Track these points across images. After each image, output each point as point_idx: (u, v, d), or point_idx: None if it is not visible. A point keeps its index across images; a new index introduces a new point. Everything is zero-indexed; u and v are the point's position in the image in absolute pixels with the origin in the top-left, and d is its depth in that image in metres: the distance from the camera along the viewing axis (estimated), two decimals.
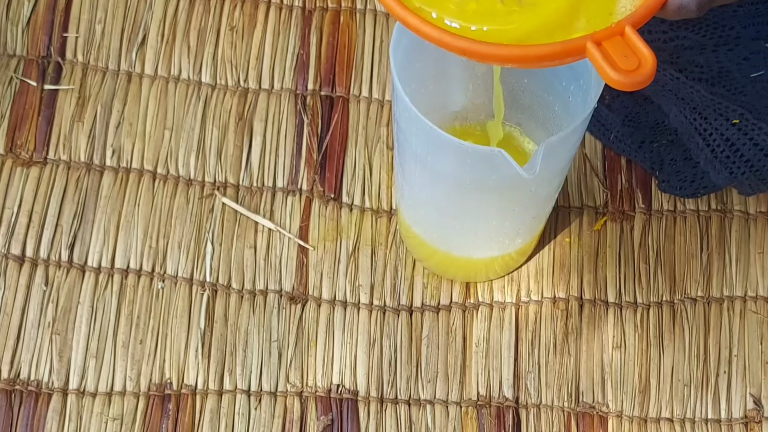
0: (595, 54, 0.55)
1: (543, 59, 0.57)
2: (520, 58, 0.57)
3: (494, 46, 0.57)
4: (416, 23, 0.57)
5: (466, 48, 0.56)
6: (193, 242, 0.89)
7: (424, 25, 0.57)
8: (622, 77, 0.55)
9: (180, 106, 0.94)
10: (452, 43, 0.57)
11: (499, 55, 0.56)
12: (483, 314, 0.87)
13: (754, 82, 0.80)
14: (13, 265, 0.88)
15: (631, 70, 0.55)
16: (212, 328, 0.86)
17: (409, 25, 0.58)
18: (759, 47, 0.80)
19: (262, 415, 0.84)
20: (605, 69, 0.55)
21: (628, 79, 0.55)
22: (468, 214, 0.78)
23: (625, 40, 0.56)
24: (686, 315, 0.88)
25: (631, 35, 0.56)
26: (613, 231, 0.90)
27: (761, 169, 0.82)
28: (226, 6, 0.97)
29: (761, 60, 0.80)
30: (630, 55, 0.55)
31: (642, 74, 0.55)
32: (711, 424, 0.85)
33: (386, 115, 0.94)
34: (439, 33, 0.57)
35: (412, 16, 0.57)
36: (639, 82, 0.55)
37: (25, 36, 0.96)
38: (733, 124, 0.81)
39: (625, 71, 0.55)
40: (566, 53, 0.56)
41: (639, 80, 0.55)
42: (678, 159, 0.88)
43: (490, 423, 0.84)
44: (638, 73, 0.55)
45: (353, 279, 0.88)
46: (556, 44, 0.56)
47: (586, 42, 0.56)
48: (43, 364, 0.85)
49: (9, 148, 0.92)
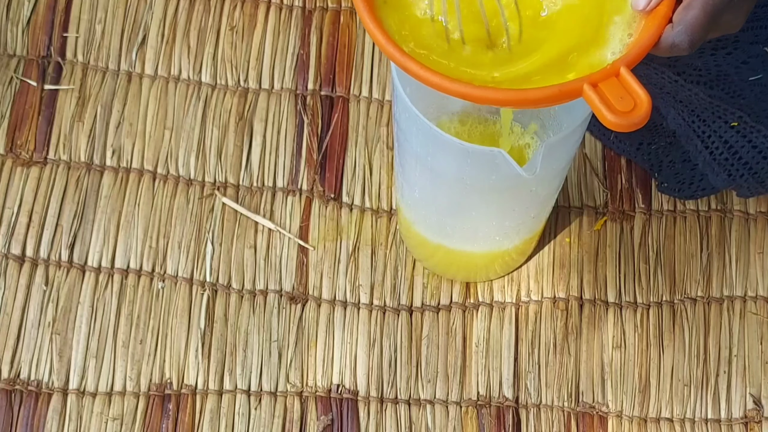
0: (591, 96, 0.56)
1: (540, 102, 0.58)
2: (518, 102, 0.58)
3: (492, 91, 0.58)
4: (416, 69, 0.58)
5: (465, 93, 0.57)
6: (193, 242, 0.89)
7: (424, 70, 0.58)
8: (619, 119, 0.56)
9: (180, 106, 0.94)
10: (451, 87, 0.57)
11: (497, 99, 0.57)
12: (483, 314, 0.87)
13: (752, 86, 0.80)
14: (13, 265, 0.88)
15: (627, 111, 0.56)
16: (212, 328, 0.86)
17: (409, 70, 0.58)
18: (757, 51, 0.80)
19: (262, 415, 0.84)
20: (602, 111, 0.56)
21: (624, 120, 0.56)
22: (468, 214, 0.78)
23: (621, 81, 0.57)
24: (686, 315, 0.88)
25: (626, 76, 0.57)
26: (613, 231, 0.90)
27: (759, 171, 0.82)
28: (226, 6, 0.97)
29: (759, 64, 0.80)
30: (626, 96, 0.56)
31: (638, 116, 0.56)
32: (711, 424, 0.85)
33: (386, 115, 0.94)
34: (439, 78, 0.57)
35: (413, 63, 0.58)
36: (635, 124, 0.56)
37: (25, 36, 0.96)
38: (732, 126, 0.81)
39: (621, 113, 0.56)
40: (563, 96, 0.57)
41: (635, 122, 0.56)
42: (676, 161, 0.88)
43: (490, 423, 0.84)
44: (634, 115, 0.56)
45: (353, 279, 0.88)
46: (553, 87, 0.57)
47: (583, 84, 0.57)
48: (43, 364, 0.85)
49: (9, 148, 0.92)
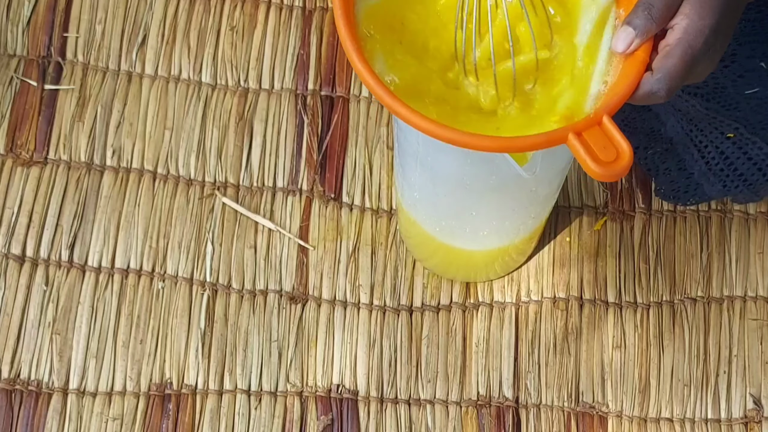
0: (576, 146, 0.58)
1: (527, 149, 0.60)
2: (506, 149, 0.60)
3: (482, 138, 0.59)
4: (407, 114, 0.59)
5: (454, 139, 0.59)
6: (193, 242, 0.89)
7: (415, 116, 0.59)
8: (602, 170, 0.57)
9: (180, 106, 0.94)
10: (442, 134, 0.59)
11: (486, 146, 0.59)
12: (483, 314, 0.87)
13: (748, 99, 0.80)
14: (14, 265, 0.88)
15: (610, 162, 0.57)
16: (212, 328, 0.86)
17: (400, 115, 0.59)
18: (754, 65, 0.80)
19: (262, 415, 0.84)
20: (586, 161, 0.57)
21: (607, 171, 0.57)
22: (468, 214, 0.78)
23: (603, 129, 0.58)
24: (686, 315, 0.88)
25: (607, 125, 0.58)
26: (613, 231, 0.90)
27: (754, 183, 0.82)
28: (226, 6, 0.97)
29: (756, 78, 0.80)
30: (608, 146, 0.58)
31: (620, 166, 0.57)
32: (711, 424, 0.85)
33: (386, 115, 0.94)
34: (428, 124, 0.59)
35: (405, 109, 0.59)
36: (617, 174, 0.57)
37: (25, 36, 0.96)
38: (728, 137, 0.81)
39: (605, 163, 0.57)
40: (549, 143, 0.59)
41: (617, 172, 0.57)
42: (672, 169, 0.88)
43: (490, 423, 0.84)
44: (616, 165, 0.57)
45: (353, 279, 0.88)
46: (539, 136, 0.59)
47: (568, 133, 0.58)
48: (44, 364, 0.85)
49: (9, 148, 0.92)
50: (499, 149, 0.59)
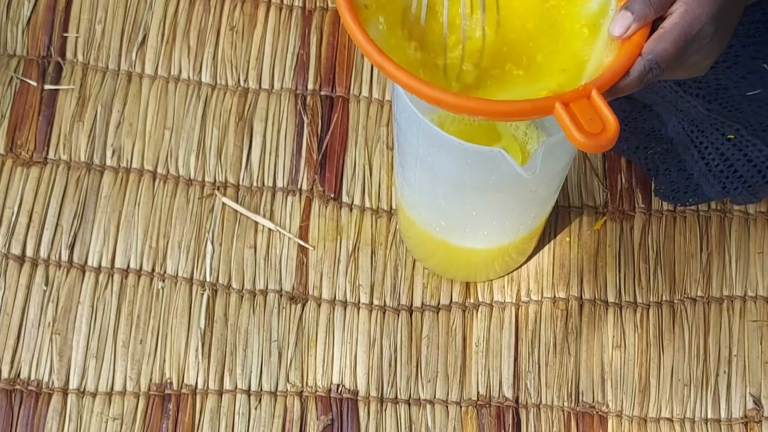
0: (562, 115, 0.57)
1: (511, 115, 0.59)
2: (488, 113, 0.59)
3: (465, 99, 0.58)
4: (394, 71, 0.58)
5: (439, 98, 0.58)
6: (193, 242, 0.89)
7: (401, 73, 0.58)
8: (587, 139, 0.56)
9: (180, 106, 0.94)
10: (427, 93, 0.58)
11: (469, 107, 0.58)
12: (483, 314, 0.87)
13: (750, 101, 0.80)
14: (14, 265, 0.88)
15: (596, 133, 0.57)
16: (212, 328, 0.86)
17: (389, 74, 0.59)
18: (757, 67, 0.80)
19: (262, 414, 0.84)
20: (571, 130, 0.57)
21: (592, 141, 0.57)
22: (468, 214, 0.78)
23: (591, 103, 0.58)
24: (686, 315, 0.88)
25: (596, 99, 0.58)
26: (613, 231, 0.90)
27: (754, 185, 0.82)
28: (226, 6, 0.97)
29: (758, 79, 0.80)
30: (595, 118, 0.57)
31: (606, 138, 0.57)
32: (711, 423, 0.85)
33: (386, 115, 0.94)
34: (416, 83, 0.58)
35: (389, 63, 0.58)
36: (602, 146, 0.57)
37: (25, 36, 0.96)
38: (729, 139, 0.81)
39: (590, 134, 0.57)
40: (534, 111, 0.58)
41: (602, 143, 0.57)
42: (672, 169, 0.88)
43: (490, 423, 0.84)
44: (602, 137, 0.57)
45: (353, 279, 0.88)
46: (525, 102, 0.58)
47: (555, 102, 0.57)
48: (44, 364, 0.85)
49: (9, 148, 0.92)
50: (483, 113, 0.58)
